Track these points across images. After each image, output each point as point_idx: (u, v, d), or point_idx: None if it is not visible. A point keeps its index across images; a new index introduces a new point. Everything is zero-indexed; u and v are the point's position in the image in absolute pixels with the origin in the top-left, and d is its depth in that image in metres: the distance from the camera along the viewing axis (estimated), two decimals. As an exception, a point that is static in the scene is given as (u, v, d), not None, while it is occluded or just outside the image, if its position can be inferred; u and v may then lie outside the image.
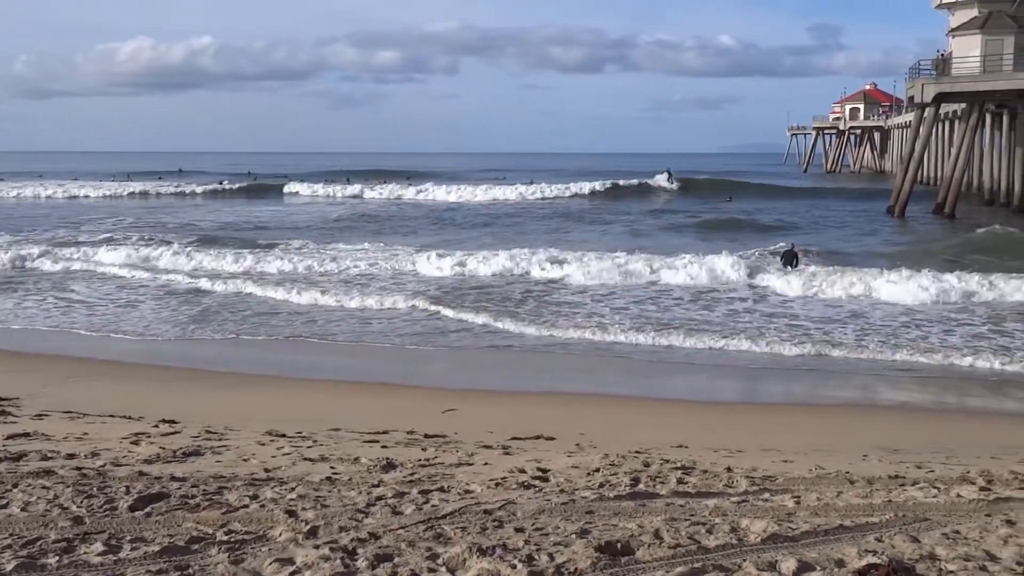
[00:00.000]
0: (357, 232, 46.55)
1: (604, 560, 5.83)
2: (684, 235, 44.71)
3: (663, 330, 20.19)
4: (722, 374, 17.09)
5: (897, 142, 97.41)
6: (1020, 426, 13.21)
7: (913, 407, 14.63)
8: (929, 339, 19.15)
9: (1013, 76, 48.31)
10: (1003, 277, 24.57)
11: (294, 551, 6.03)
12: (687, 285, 26.98)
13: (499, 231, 48.09)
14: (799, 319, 21.84)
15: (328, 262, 32.07)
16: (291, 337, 20.48)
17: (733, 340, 19.08)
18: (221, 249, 35.45)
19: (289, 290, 26.55)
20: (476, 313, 22.63)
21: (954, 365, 17.08)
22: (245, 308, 24.33)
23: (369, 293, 25.85)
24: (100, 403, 13.13)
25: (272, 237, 42.18)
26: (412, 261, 31.85)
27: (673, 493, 7.82)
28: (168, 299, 25.86)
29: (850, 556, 5.97)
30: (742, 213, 55.34)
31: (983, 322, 20.99)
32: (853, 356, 17.88)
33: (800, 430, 12.63)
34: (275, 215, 60.44)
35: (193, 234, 43.59)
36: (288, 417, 12.33)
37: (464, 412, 13.48)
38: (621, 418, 13.50)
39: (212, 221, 54.58)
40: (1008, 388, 15.61)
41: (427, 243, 39.17)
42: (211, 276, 29.62)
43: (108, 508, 6.97)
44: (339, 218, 56.71)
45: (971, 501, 7.61)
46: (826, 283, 25.34)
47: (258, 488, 7.79)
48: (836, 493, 7.94)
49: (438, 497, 7.55)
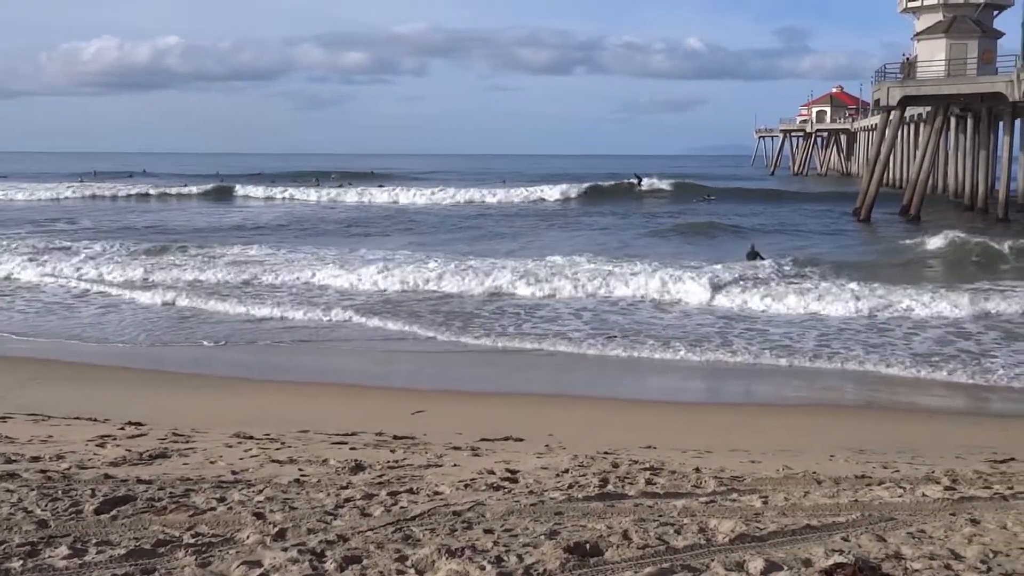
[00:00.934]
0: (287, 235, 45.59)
1: (573, 561, 5.84)
2: (663, 240, 44.04)
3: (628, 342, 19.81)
4: (690, 375, 17.15)
5: (863, 145, 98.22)
6: (983, 426, 13.34)
7: (879, 407, 14.75)
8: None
9: (977, 80, 48.85)
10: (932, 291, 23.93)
11: (262, 553, 6.00)
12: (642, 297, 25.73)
13: (453, 236, 46.66)
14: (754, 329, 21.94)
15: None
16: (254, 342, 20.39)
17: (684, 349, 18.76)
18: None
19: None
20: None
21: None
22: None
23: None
24: (65, 406, 13.01)
25: (205, 241, 40.36)
26: (314, 271, 29.54)
27: (642, 494, 7.84)
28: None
29: (817, 556, 6.01)
30: (715, 216, 55.55)
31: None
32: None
33: (767, 431, 12.71)
34: (222, 217, 59.30)
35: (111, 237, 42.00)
36: (256, 419, 12.27)
37: (433, 413, 13.46)
38: (589, 419, 13.53)
39: (144, 225, 52.95)
40: (969, 390, 15.78)
41: (352, 247, 37.91)
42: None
43: (73, 511, 6.90)
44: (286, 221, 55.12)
45: (936, 500, 7.67)
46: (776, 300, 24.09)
47: (225, 490, 7.74)
48: (803, 493, 7.99)
49: (407, 499, 7.53)
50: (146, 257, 33.61)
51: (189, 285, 27.83)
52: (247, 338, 20.44)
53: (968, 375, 16.40)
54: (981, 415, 14.25)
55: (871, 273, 28.64)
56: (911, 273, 30.04)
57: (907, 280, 26.75)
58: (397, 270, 28.81)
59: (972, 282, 26.26)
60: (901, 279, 26.97)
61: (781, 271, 29.10)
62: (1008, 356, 17.78)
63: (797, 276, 28.12)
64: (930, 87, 49.89)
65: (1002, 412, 14.43)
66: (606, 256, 32.39)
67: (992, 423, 13.59)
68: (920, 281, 26.85)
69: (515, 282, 26.98)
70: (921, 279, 27.95)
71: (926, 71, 50.87)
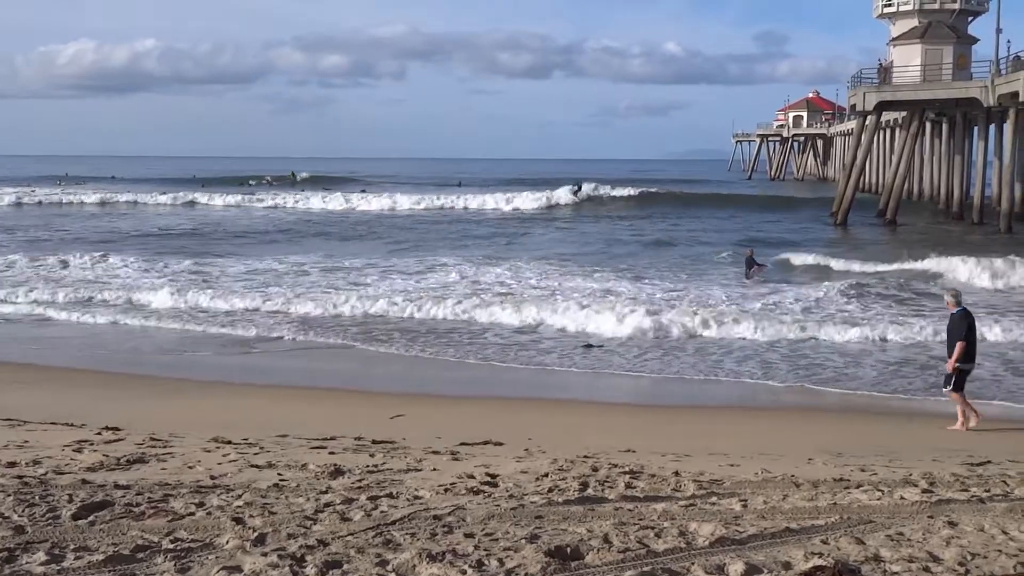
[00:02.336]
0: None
1: (554, 565, 5.84)
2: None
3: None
4: (667, 380, 17.17)
5: (839, 149, 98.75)
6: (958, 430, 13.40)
7: (856, 410, 14.81)
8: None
9: (952, 85, 49.21)
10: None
11: (242, 559, 5.98)
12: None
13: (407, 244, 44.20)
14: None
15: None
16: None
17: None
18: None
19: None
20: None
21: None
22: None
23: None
24: (41, 410, 12.91)
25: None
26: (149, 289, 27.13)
27: (622, 497, 7.86)
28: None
29: (796, 558, 6.03)
30: (693, 220, 55.48)
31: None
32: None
33: (745, 434, 12.75)
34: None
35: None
36: (234, 423, 12.21)
37: (412, 418, 13.44)
38: (568, 422, 13.54)
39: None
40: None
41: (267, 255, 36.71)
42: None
43: (51, 517, 6.86)
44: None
45: (914, 503, 7.72)
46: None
47: (204, 495, 7.71)
48: (782, 496, 8.02)
49: (387, 503, 7.52)
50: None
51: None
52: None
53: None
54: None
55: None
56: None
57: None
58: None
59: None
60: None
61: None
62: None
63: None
64: (906, 92, 50.22)
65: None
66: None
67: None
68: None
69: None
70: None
71: (902, 76, 51.19)
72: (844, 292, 26.05)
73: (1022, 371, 17.26)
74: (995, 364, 17.55)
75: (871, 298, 25.54)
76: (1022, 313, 23.12)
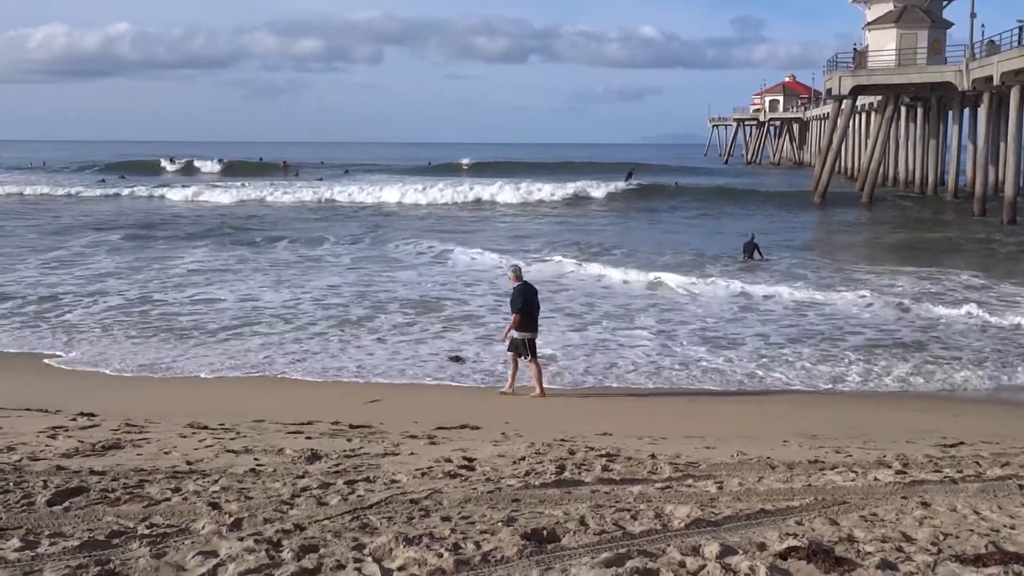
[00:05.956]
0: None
1: (530, 547, 5.86)
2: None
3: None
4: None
5: (815, 134, 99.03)
6: (933, 411, 13.53)
7: (831, 393, 14.90)
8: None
9: (926, 69, 49.45)
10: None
11: (218, 543, 5.96)
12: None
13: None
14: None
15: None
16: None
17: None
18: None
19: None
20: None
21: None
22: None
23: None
24: (15, 397, 12.83)
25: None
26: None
27: (598, 480, 7.89)
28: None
29: (771, 539, 6.07)
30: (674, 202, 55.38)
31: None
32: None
33: (721, 417, 12.81)
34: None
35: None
36: (210, 409, 12.18)
37: (388, 402, 13.44)
38: (545, 407, 13.57)
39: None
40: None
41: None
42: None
43: (25, 503, 6.82)
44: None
45: (888, 484, 7.78)
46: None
47: (180, 481, 7.69)
48: (757, 478, 8.07)
49: (364, 487, 7.52)
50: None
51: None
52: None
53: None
54: (929, 399, 14.46)
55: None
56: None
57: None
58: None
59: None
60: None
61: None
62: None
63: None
64: (881, 76, 50.45)
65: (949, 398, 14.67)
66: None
67: (940, 409, 13.78)
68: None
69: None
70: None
71: (877, 60, 51.40)
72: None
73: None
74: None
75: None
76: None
